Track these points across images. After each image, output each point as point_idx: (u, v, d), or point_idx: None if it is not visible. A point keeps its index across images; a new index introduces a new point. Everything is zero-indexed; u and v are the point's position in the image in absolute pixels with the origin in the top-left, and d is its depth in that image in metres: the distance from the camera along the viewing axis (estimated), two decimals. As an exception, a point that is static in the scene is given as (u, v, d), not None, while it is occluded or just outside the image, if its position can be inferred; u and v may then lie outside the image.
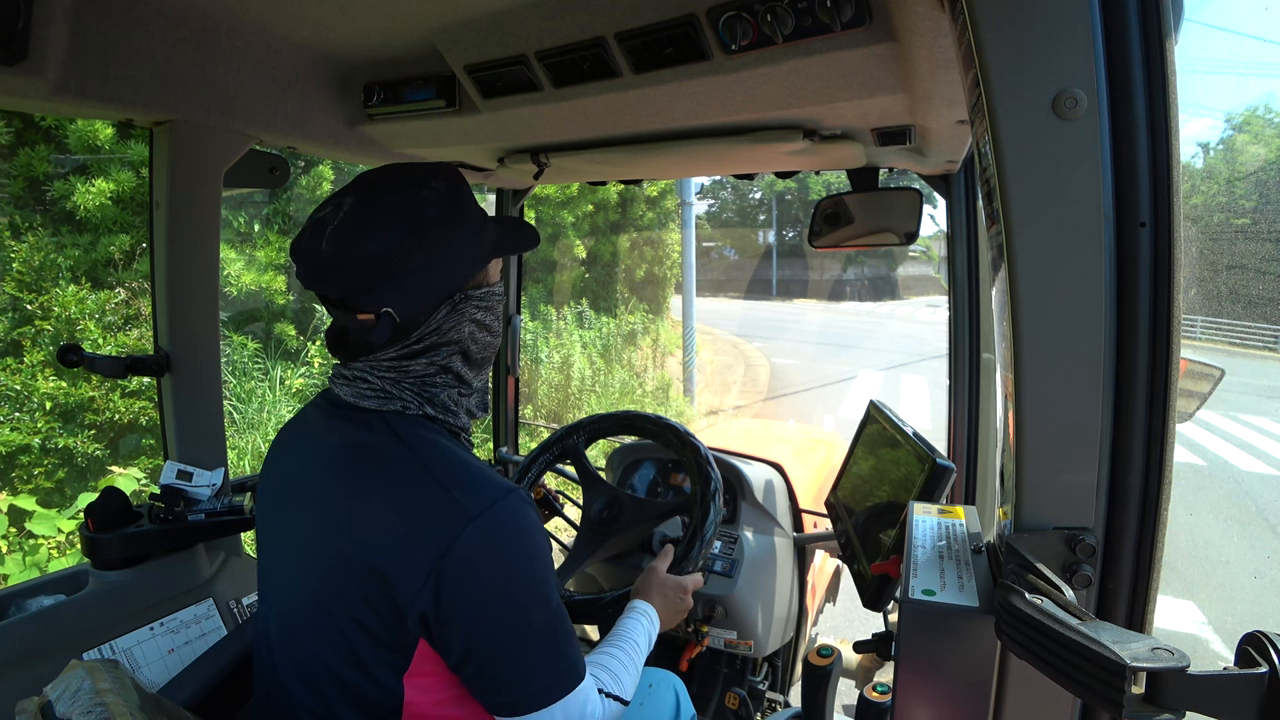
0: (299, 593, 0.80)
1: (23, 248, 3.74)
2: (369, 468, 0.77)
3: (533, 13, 0.93)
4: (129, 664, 1.08)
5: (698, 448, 1.25)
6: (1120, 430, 0.54)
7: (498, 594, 0.72)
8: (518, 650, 0.73)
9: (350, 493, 0.76)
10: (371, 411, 0.80)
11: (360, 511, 0.75)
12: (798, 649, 1.75)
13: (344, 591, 0.74)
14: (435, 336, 0.80)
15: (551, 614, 0.75)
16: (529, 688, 0.74)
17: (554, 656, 0.75)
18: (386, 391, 0.80)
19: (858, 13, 0.76)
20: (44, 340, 3.72)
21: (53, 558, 3.18)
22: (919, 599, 0.58)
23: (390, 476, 0.75)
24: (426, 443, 0.78)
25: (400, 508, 0.73)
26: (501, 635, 0.73)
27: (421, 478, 0.74)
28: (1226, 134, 16.22)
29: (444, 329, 0.80)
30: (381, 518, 0.73)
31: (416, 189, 0.78)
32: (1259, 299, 8.81)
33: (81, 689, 0.69)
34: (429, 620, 0.71)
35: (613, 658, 0.90)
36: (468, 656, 0.72)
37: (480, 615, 0.71)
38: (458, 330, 0.81)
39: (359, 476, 0.77)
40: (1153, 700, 0.41)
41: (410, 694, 0.75)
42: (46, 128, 3.92)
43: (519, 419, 2.08)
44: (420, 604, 0.70)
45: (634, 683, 0.91)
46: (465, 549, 0.70)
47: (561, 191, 7.66)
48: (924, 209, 1.45)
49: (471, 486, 0.74)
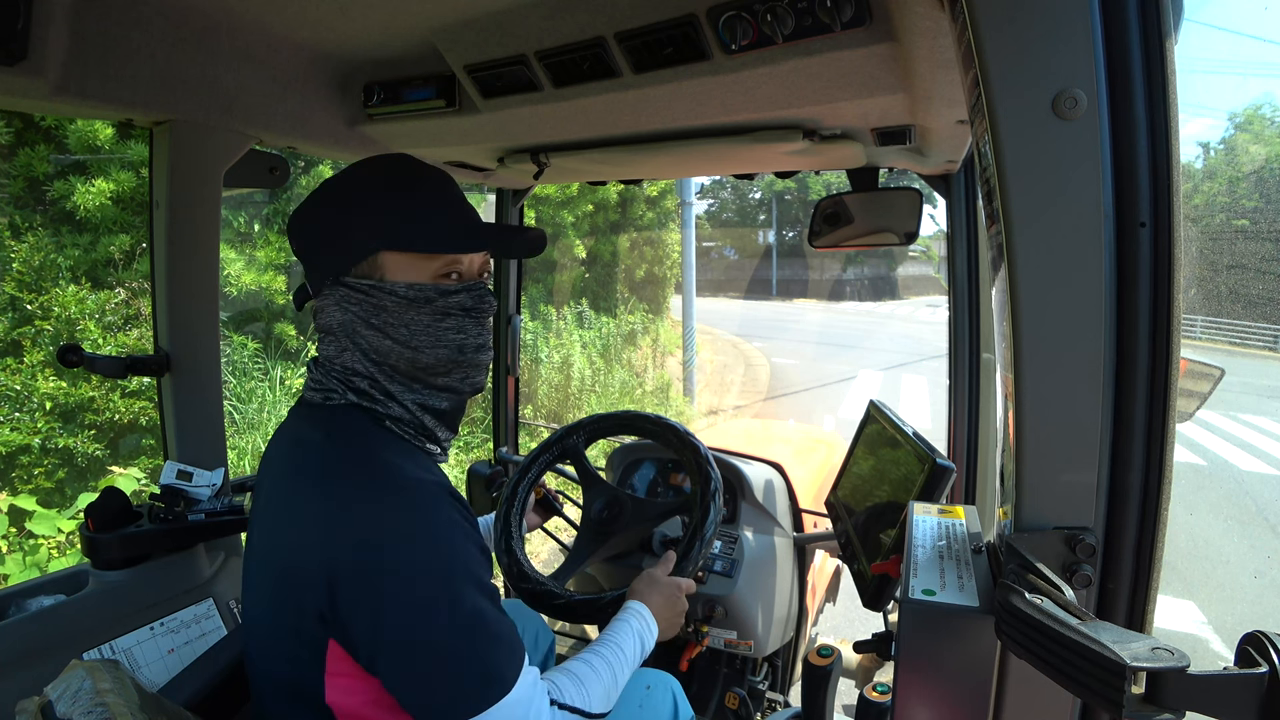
0: (250, 593, 0.84)
1: (23, 248, 3.74)
2: (293, 465, 0.79)
3: (533, 13, 0.93)
4: (129, 664, 1.08)
5: (697, 447, 1.25)
6: (1120, 430, 0.54)
7: (396, 593, 0.69)
8: (424, 654, 0.69)
9: (281, 493, 0.78)
10: (316, 406, 0.81)
11: (283, 511, 0.77)
12: (798, 649, 1.75)
13: (268, 592, 0.77)
14: (323, 317, 0.81)
15: (465, 616, 0.70)
16: (440, 695, 0.69)
17: (468, 663, 0.70)
18: (321, 382, 0.81)
19: (858, 13, 0.76)
20: (44, 340, 3.72)
21: (53, 558, 3.18)
22: (919, 599, 0.58)
23: (305, 473, 0.76)
24: (343, 436, 0.77)
25: (305, 504, 0.74)
26: (404, 637, 0.69)
27: (328, 472, 0.74)
28: (1228, 133, 16.22)
29: (327, 309, 0.81)
30: (294, 515, 0.75)
31: (346, 171, 0.82)
32: (1259, 299, 8.81)
33: (82, 689, 0.69)
34: (328, 619, 0.71)
35: (584, 664, 0.86)
36: (374, 659, 0.71)
37: (379, 615, 0.69)
38: (331, 315, 0.80)
39: (285, 476, 0.79)
40: (1153, 700, 0.41)
41: (331, 695, 0.74)
42: (46, 128, 3.92)
43: (519, 419, 2.08)
44: (318, 603, 0.70)
45: (608, 691, 0.86)
46: (359, 546, 0.69)
47: (561, 191, 7.66)
48: (924, 209, 1.45)
49: (374, 482, 0.73)
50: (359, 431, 0.78)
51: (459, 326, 0.81)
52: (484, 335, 0.85)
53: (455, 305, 0.81)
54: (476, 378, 0.86)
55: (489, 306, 0.85)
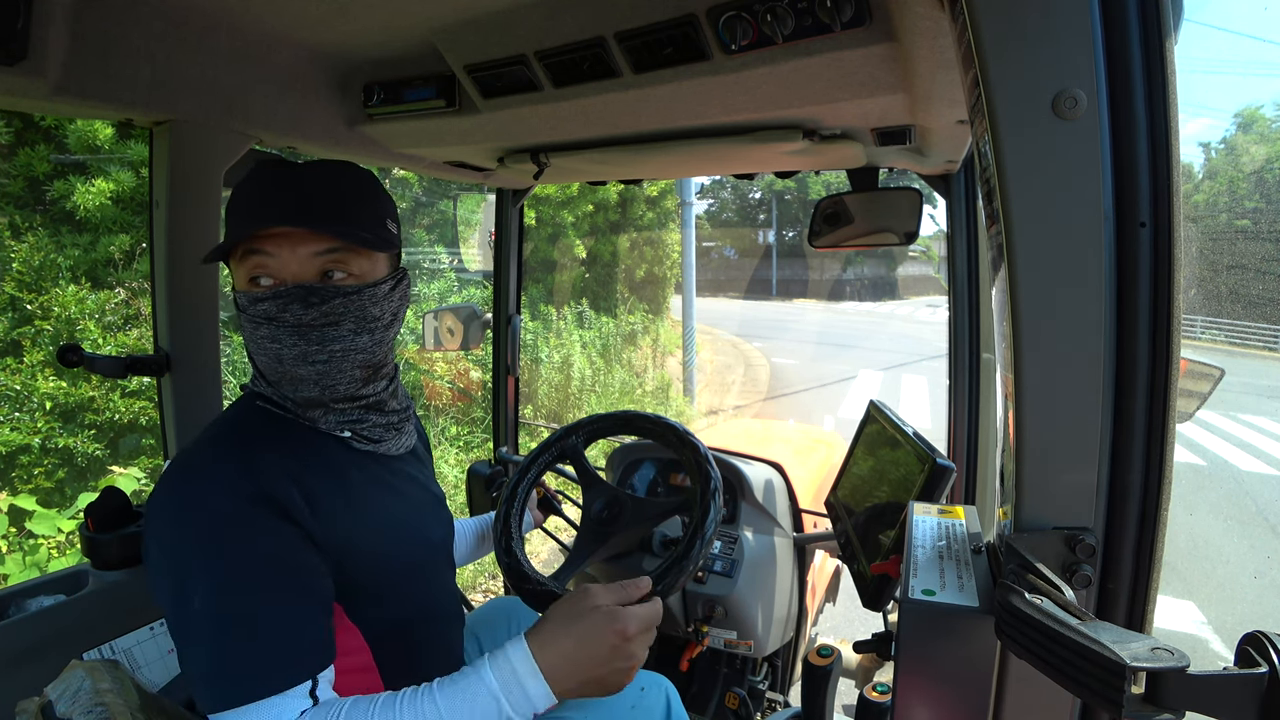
0: None
1: (23, 248, 3.74)
2: None
3: (533, 13, 0.93)
4: (129, 664, 1.08)
5: (697, 447, 1.25)
6: (1120, 430, 0.54)
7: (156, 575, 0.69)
8: (179, 642, 0.68)
9: None
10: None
11: None
12: (798, 649, 1.75)
13: None
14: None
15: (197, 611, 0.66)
16: (194, 684, 0.67)
17: (202, 660, 0.66)
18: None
19: (858, 13, 0.76)
20: (44, 340, 3.72)
21: (53, 558, 3.18)
22: (919, 599, 0.58)
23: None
24: (221, 416, 0.82)
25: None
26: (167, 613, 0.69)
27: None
28: (1228, 133, 16.24)
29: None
30: None
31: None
32: (1259, 299, 8.81)
33: (82, 689, 0.69)
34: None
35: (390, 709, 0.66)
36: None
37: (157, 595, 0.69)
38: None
39: None
40: (1153, 700, 0.41)
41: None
42: (46, 128, 3.92)
43: (519, 419, 2.08)
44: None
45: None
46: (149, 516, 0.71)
47: (561, 191, 7.66)
48: (924, 209, 1.45)
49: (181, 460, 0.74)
50: (229, 413, 0.81)
51: (273, 335, 0.75)
52: (302, 346, 0.75)
53: (260, 314, 0.75)
54: (303, 391, 0.78)
55: (305, 314, 0.74)
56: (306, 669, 0.68)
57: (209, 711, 0.66)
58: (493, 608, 1.31)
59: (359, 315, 0.78)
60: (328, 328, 0.76)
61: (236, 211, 0.76)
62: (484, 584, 3.45)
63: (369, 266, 0.80)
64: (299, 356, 0.76)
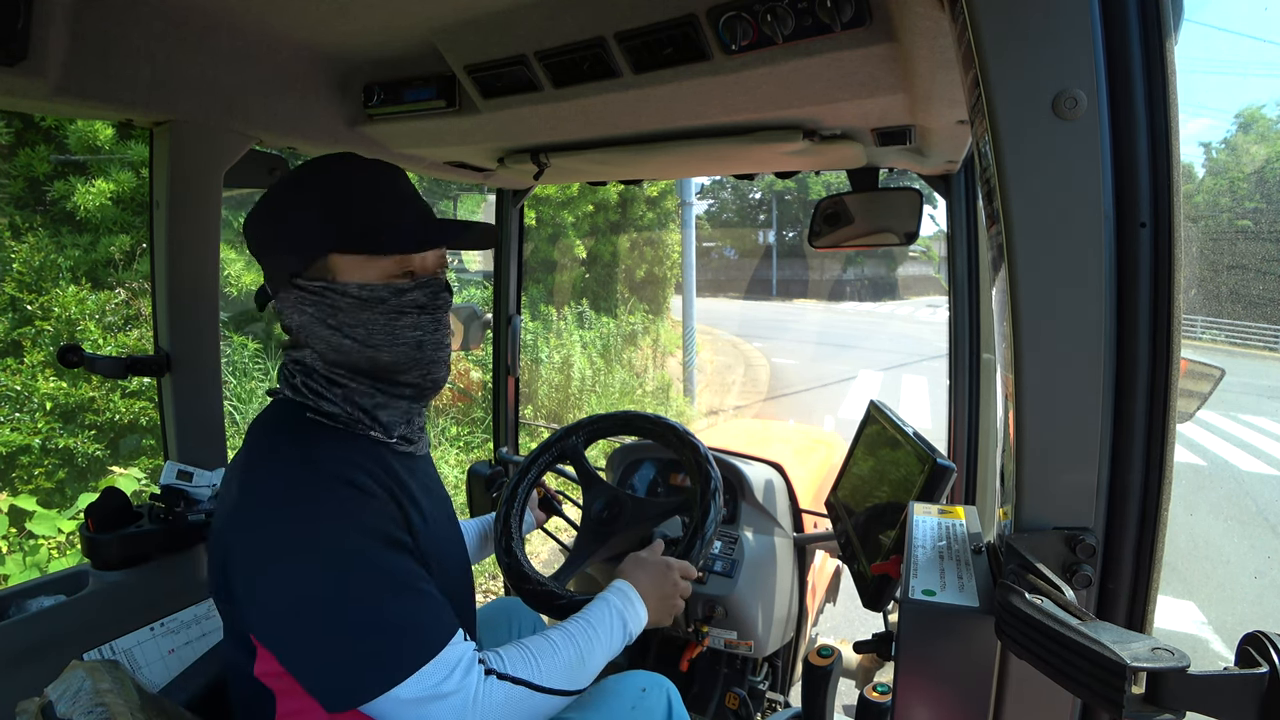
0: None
1: (23, 248, 3.74)
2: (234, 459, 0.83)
3: (533, 13, 0.93)
4: (129, 664, 1.08)
5: (697, 447, 1.25)
6: (1120, 430, 0.54)
7: (275, 577, 0.71)
8: (306, 639, 0.71)
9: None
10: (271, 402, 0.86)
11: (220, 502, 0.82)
12: (798, 649, 1.75)
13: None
14: (283, 318, 0.83)
15: (345, 603, 0.71)
16: (324, 680, 0.71)
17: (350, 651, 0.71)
18: (279, 378, 0.85)
19: (858, 13, 0.76)
20: (44, 340, 3.72)
21: (53, 558, 3.18)
22: (919, 599, 0.58)
23: (233, 465, 0.81)
24: (268, 428, 0.81)
25: (225, 493, 0.79)
26: (286, 621, 0.72)
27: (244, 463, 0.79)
28: (1229, 133, 16.24)
29: (285, 311, 0.82)
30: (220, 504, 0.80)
31: (297, 172, 0.83)
32: (1259, 299, 8.82)
33: (82, 689, 0.69)
34: (232, 599, 0.75)
35: (544, 639, 0.84)
36: (265, 640, 0.74)
37: (262, 600, 0.72)
38: (289, 317, 0.82)
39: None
40: (1153, 700, 0.41)
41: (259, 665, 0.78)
42: (46, 128, 3.92)
43: (519, 419, 2.08)
44: (226, 584, 0.75)
45: (569, 667, 0.82)
46: (244, 529, 0.73)
47: (561, 191, 7.66)
48: (924, 209, 1.45)
49: (269, 470, 0.76)
50: (281, 424, 0.80)
51: (415, 324, 0.81)
52: (441, 331, 0.84)
53: (409, 303, 0.80)
54: (438, 373, 0.85)
55: (445, 302, 0.84)
56: (453, 619, 0.76)
57: (401, 678, 0.69)
58: (493, 608, 1.31)
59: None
60: (445, 314, 0.86)
61: (380, 214, 0.79)
62: (484, 584, 3.45)
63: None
64: (438, 342, 0.83)
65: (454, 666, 0.72)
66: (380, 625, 0.70)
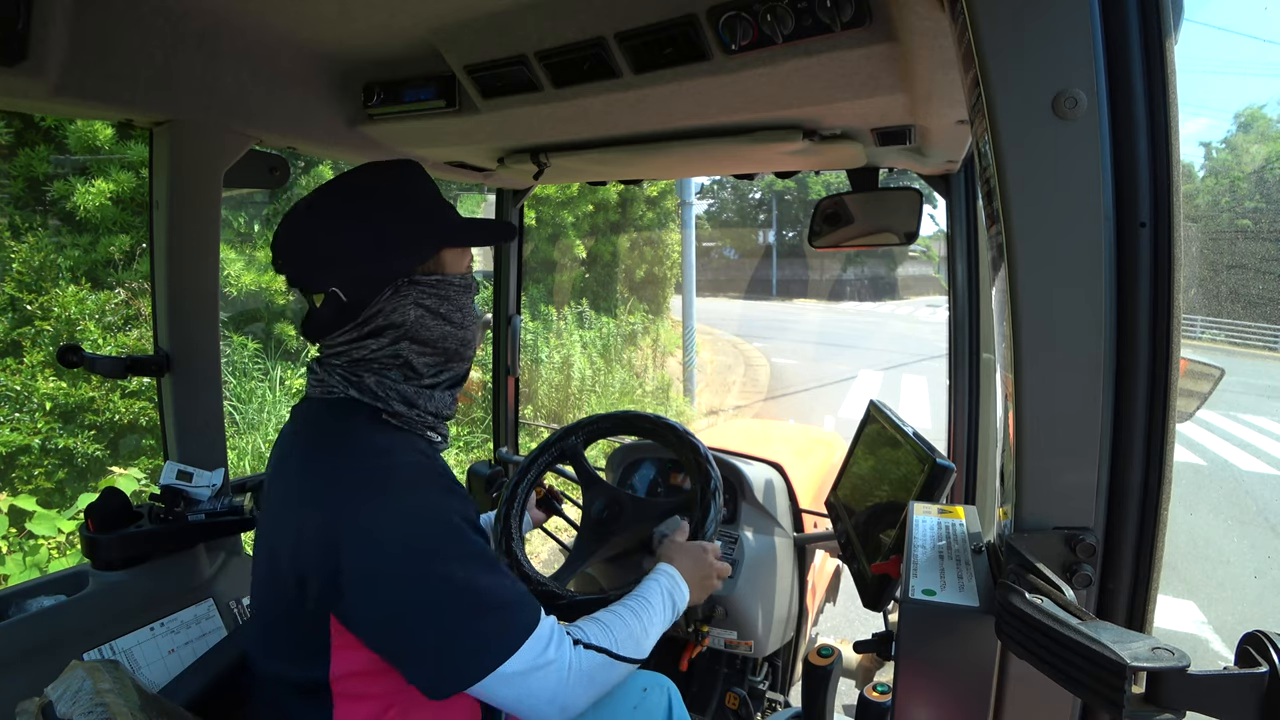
0: (259, 588, 0.88)
1: (23, 248, 3.74)
2: (300, 460, 0.84)
3: (533, 13, 0.93)
4: (129, 664, 1.08)
5: (697, 447, 1.25)
6: (1120, 430, 0.54)
7: (388, 573, 0.75)
8: (414, 629, 0.75)
9: (290, 488, 0.84)
10: (315, 401, 0.87)
11: (293, 503, 0.82)
12: (798, 649, 1.75)
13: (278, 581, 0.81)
14: (381, 319, 0.84)
15: (455, 592, 0.76)
16: (435, 668, 0.76)
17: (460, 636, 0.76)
18: (323, 380, 0.85)
19: (858, 13, 0.76)
20: (44, 340, 3.72)
21: (53, 558, 3.18)
22: (919, 599, 0.58)
23: (312, 465, 0.82)
24: (337, 429, 0.83)
25: (313, 493, 0.79)
26: (397, 613, 0.75)
27: (329, 463, 0.80)
28: (1229, 133, 16.24)
29: (388, 311, 0.83)
30: (302, 504, 0.80)
31: (369, 180, 0.86)
32: (1259, 299, 8.82)
33: (82, 689, 0.69)
34: (331, 601, 0.76)
35: (610, 612, 0.92)
36: (372, 636, 0.77)
37: (374, 595, 0.75)
38: (401, 314, 0.84)
39: (295, 472, 0.84)
40: (1153, 700, 0.41)
41: (336, 666, 0.79)
42: (46, 128, 3.92)
43: (519, 419, 2.08)
44: (322, 587, 0.76)
45: (635, 637, 0.89)
46: (356, 530, 0.75)
47: (561, 191, 7.66)
48: (924, 209, 1.45)
49: (368, 467, 0.79)
50: (359, 424, 0.83)
51: (474, 304, 0.94)
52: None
53: (476, 288, 0.94)
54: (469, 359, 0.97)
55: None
56: (530, 610, 0.81)
57: (508, 654, 0.75)
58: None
59: None
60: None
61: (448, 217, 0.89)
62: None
63: None
64: (485, 324, 0.95)
65: (549, 638, 0.79)
66: (488, 605, 0.76)
